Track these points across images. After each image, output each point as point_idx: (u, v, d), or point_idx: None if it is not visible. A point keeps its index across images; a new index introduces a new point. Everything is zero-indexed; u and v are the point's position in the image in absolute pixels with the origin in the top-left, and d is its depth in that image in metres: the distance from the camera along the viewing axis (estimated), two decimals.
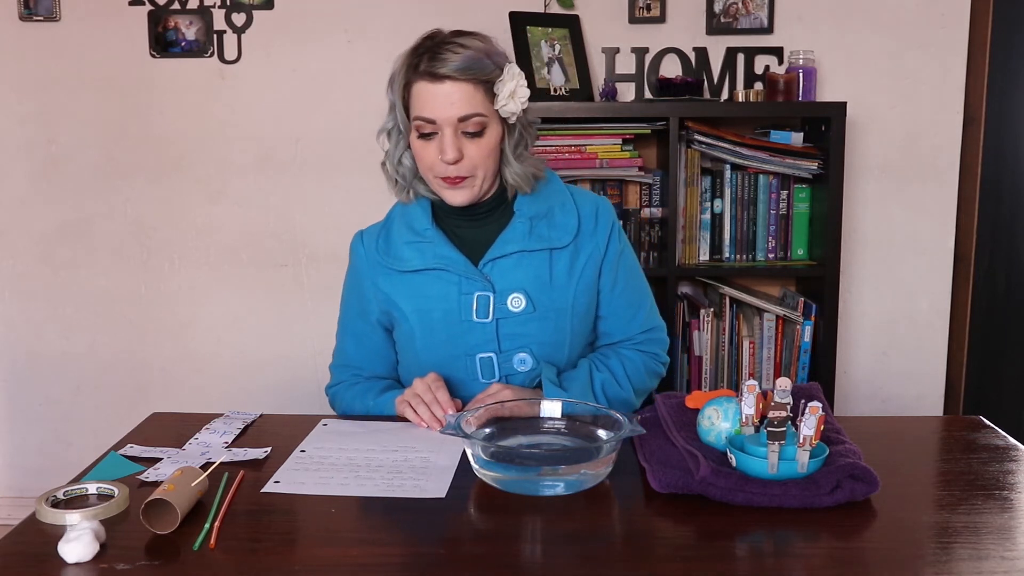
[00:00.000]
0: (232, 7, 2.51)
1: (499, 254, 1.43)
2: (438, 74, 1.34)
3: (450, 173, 1.38)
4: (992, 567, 0.91)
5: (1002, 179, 2.55)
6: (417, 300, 1.45)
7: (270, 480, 1.14)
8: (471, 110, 1.36)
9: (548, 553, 0.96)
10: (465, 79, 1.35)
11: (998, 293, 2.62)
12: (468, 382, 1.44)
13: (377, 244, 1.50)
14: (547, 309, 1.44)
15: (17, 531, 1.01)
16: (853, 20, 2.48)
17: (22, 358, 2.70)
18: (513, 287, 1.42)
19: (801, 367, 2.38)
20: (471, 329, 1.42)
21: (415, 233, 1.46)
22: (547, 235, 1.44)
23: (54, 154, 2.60)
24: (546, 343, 1.44)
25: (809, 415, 1.08)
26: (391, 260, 1.47)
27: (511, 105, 1.38)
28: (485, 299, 1.42)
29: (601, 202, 1.52)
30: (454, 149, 1.36)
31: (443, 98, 1.35)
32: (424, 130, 1.38)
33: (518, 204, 1.46)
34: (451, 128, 1.36)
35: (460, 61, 1.34)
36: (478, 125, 1.37)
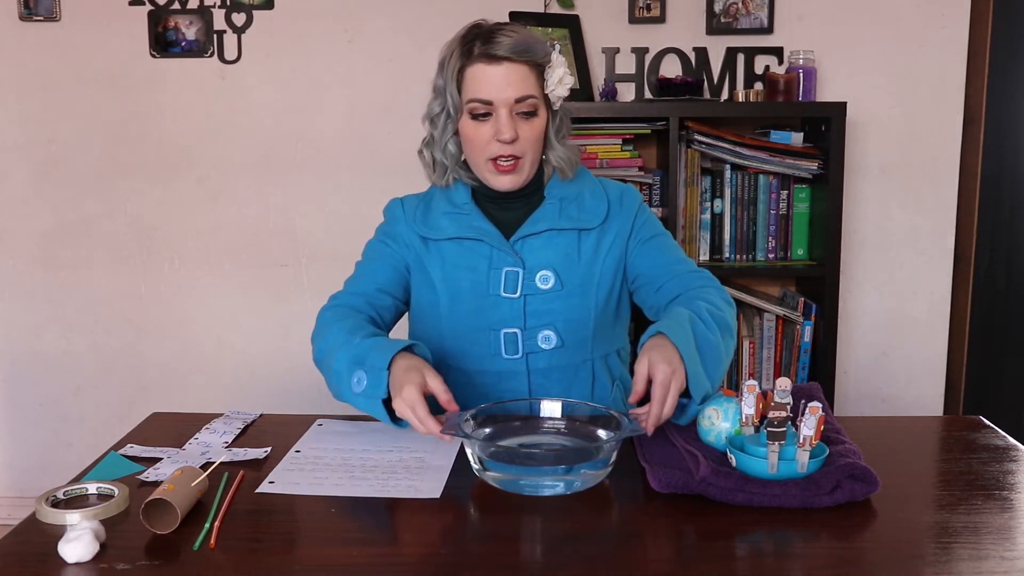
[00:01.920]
0: (232, 7, 2.51)
1: (530, 232, 1.46)
2: (496, 56, 1.38)
3: (504, 152, 1.41)
4: (992, 567, 0.91)
5: (1002, 179, 2.55)
6: (447, 269, 1.47)
7: (264, 480, 1.14)
8: (526, 91, 1.40)
9: (547, 553, 0.96)
10: (521, 61, 1.39)
11: (998, 293, 2.62)
12: (490, 356, 1.46)
13: (416, 212, 1.53)
14: (574, 287, 1.46)
15: (17, 531, 1.01)
16: (853, 20, 2.48)
17: (22, 358, 2.70)
18: (542, 264, 1.46)
19: (801, 367, 2.38)
20: (498, 304, 1.45)
21: (454, 206, 1.50)
22: (576, 216, 1.48)
23: (54, 154, 2.60)
24: (572, 320, 1.47)
25: (809, 415, 1.08)
26: (427, 228, 1.50)
27: (559, 90, 1.43)
28: (514, 275, 1.45)
29: (627, 188, 1.56)
30: (511, 128, 1.39)
31: (500, 79, 1.39)
32: (479, 111, 1.41)
33: (549, 188, 1.50)
34: (507, 109, 1.39)
35: (516, 43, 1.39)
36: (531, 106, 1.41)
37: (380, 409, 1.25)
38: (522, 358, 1.46)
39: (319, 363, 1.43)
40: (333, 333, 1.40)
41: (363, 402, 1.28)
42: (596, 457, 1.11)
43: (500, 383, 1.47)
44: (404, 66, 2.53)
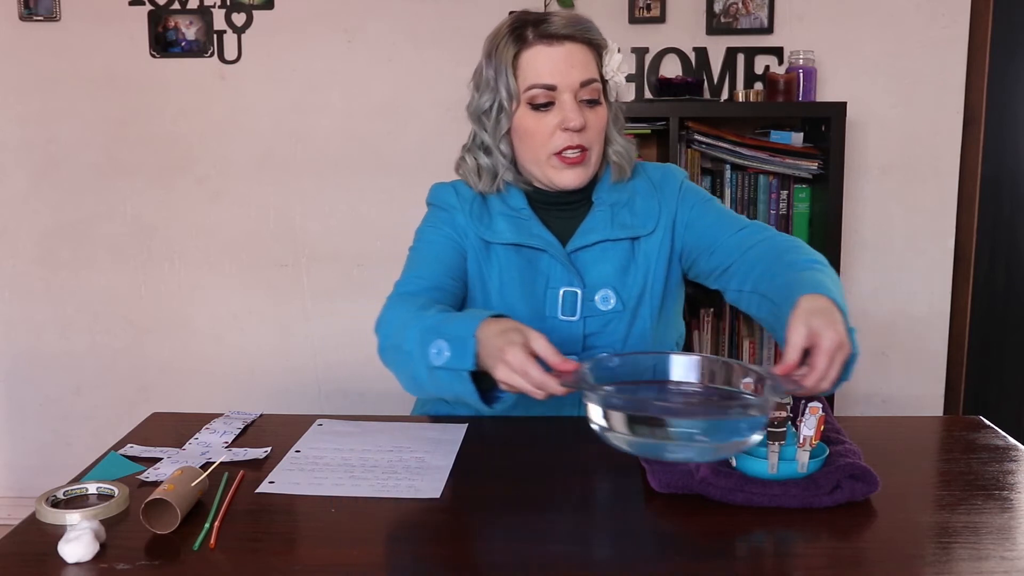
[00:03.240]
0: (232, 7, 2.51)
1: (582, 244, 1.35)
2: (558, 35, 1.27)
3: (573, 142, 1.29)
4: (992, 567, 0.90)
5: (1002, 179, 2.55)
6: (504, 283, 1.35)
7: (264, 480, 1.14)
8: (590, 74, 1.29)
9: (547, 553, 0.96)
10: (582, 40, 1.29)
11: (998, 293, 2.62)
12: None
13: (472, 207, 1.38)
14: (633, 302, 1.36)
15: (17, 531, 1.01)
16: (853, 20, 2.48)
17: (22, 358, 2.70)
18: (600, 282, 1.35)
19: None
20: (555, 328, 1.34)
21: (511, 208, 1.37)
22: (630, 223, 1.37)
23: (54, 154, 2.60)
24: (631, 337, 1.37)
25: (809, 415, 1.07)
26: (485, 229, 1.36)
27: (618, 77, 1.32)
28: (572, 296, 1.34)
29: (666, 170, 1.44)
30: (579, 114, 1.27)
31: (563, 61, 1.27)
32: (539, 100, 1.29)
33: (596, 193, 1.38)
34: (571, 93, 1.28)
35: (575, 21, 1.28)
36: (595, 92, 1.30)
37: (467, 384, 1.09)
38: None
39: (385, 351, 1.25)
40: (398, 312, 1.25)
41: (445, 378, 1.11)
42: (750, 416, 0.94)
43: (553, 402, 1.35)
44: (404, 66, 2.53)
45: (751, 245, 1.32)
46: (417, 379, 1.17)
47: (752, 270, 1.30)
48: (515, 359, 1.01)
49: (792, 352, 1.01)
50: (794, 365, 1.01)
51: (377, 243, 2.59)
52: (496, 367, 1.04)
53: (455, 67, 2.50)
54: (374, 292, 2.77)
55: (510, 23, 1.32)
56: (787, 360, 1.01)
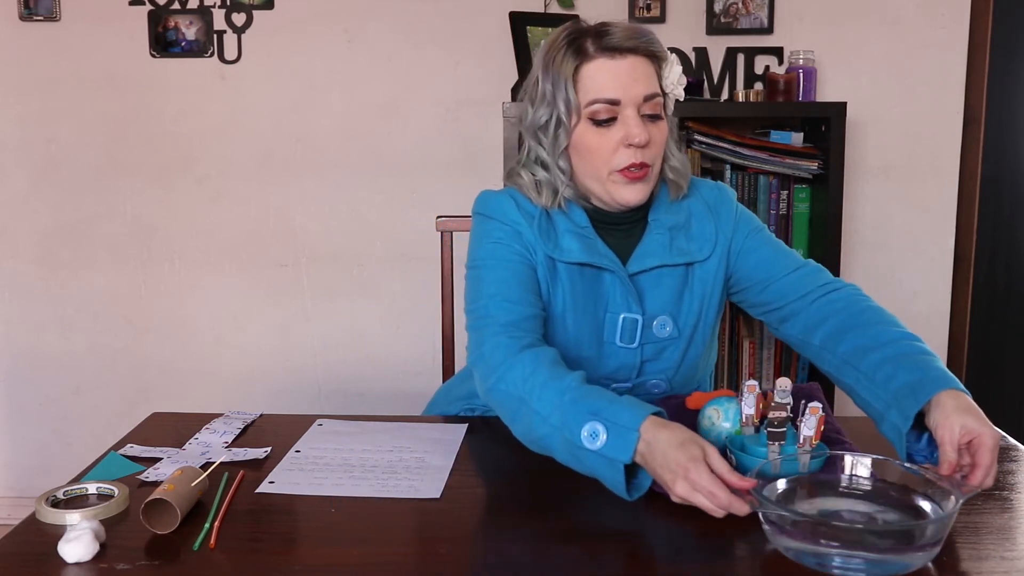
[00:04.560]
0: (232, 7, 2.51)
1: (639, 268, 1.31)
2: (621, 48, 1.23)
3: (637, 159, 1.25)
4: (992, 567, 0.90)
5: (1002, 179, 2.55)
6: (567, 306, 1.30)
7: (264, 480, 1.14)
8: (653, 88, 1.25)
9: (547, 553, 0.96)
10: (645, 52, 1.25)
11: (998, 293, 2.62)
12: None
13: (539, 223, 1.31)
14: (689, 331, 1.35)
15: (17, 531, 1.01)
16: (853, 20, 2.48)
17: (22, 358, 2.70)
18: (658, 309, 1.32)
19: (801, 367, 2.38)
20: (614, 354, 1.33)
21: (576, 225, 1.32)
22: (686, 248, 1.33)
23: (54, 154, 2.60)
24: (684, 364, 1.36)
25: (809, 415, 1.08)
26: (553, 247, 1.30)
27: (678, 90, 1.28)
28: (632, 322, 1.31)
29: (719, 190, 1.41)
30: (644, 130, 1.23)
31: (626, 75, 1.23)
32: (601, 116, 1.24)
33: (653, 213, 1.35)
34: (634, 108, 1.24)
35: (636, 32, 1.24)
36: (657, 107, 1.26)
37: (619, 474, 1.04)
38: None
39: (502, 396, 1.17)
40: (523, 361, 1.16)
41: (592, 461, 1.06)
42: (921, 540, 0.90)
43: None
44: (404, 66, 2.53)
45: (817, 294, 1.32)
46: (545, 443, 1.13)
47: (823, 324, 1.29)
48: (701, 479, 0.98)
49: (951, 452, 1.04)
50: (956, 464, 1.04)
51: (377, 243, 2.59)
52: (676, 483, 1.00)
53: (455, 67, 2.50)
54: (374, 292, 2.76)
55: (567, 34, 1.28)
56: (948, 459, 1.03)
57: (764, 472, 0.99)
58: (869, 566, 0.87)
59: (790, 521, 0.91)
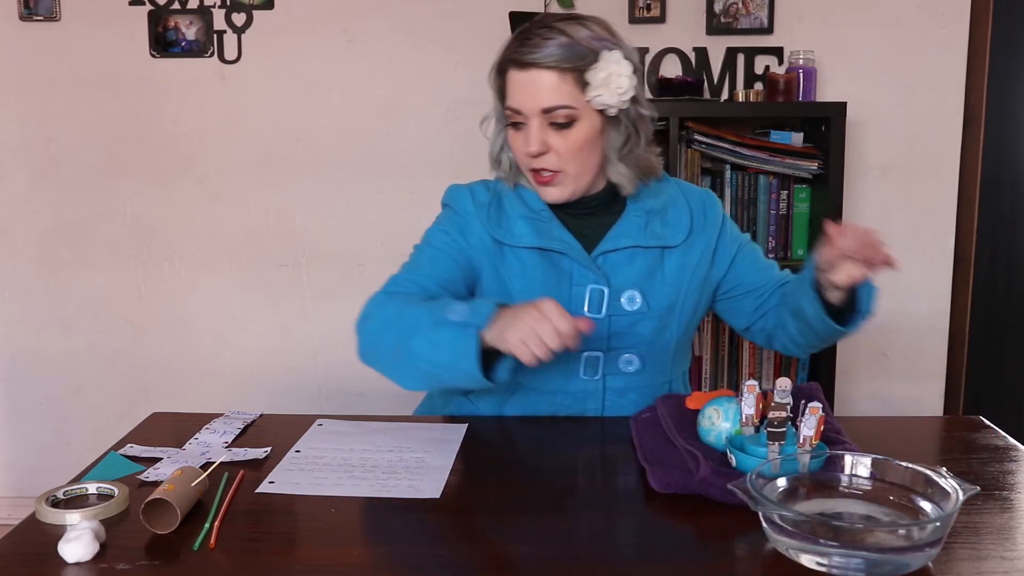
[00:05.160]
0: (232, 7, 2.51)
1: (612, 247, 1.37)
2: (523, 62, 1.28)
3: (535, 166, 1.32)
4: (992, 567, 0.90)
5: (1002, 179, 2.55)
6: (526, 282, 1.35)
7: (264, 480, 1.14)
8: (556, 101, 1.28)
9: (547, 553, 0.96)
10: (550, 67, 1.26)
11: (998, 293, 2.62)
12: (567, 376, 1.39)
13: (489, 211, 1.38)
14: (660, 309, 1.38)
15: (17, 531, 1.01)
16: (853, 20, 2.48)
17: (22, 358, 2.70)
18: (627, 284, 1.36)
19: (801, 367, 2.38)
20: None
21: (531, 210, 1.38)
22: (660, 232, 1.39)
23: (54, 154, 2.60)
24: (655, 343, 1.40)
25: (809, 415, 1.08)
26: (503, 232, 1.36)
27: (605, 96, 1.28)
28: (599, 293, 1.35)
29: (707, 196, 1.47)
30: (536, 141, 1.29)
31: (527, 87, 1.28)
32: (512, 120, 1.32)
33: (631, 198, 1.40)
34: (537, 119, 1.29)
35: (546, 47, 1.26)
36: (565, 117, 1.29)
37: (472, 341, 1.13)
38: (600, 379, 1.39)
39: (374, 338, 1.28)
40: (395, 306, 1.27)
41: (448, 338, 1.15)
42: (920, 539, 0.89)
43: (575, 403, 1.40)
44: (404, 66, 2.53)
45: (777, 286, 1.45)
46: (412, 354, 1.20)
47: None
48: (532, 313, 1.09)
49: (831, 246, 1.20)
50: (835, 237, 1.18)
51: (377, 243, 2.59)
52: (513, 325, 1.10)
53: (455, 67, 2.50)
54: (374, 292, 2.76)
55: (512, 36, 1.33)
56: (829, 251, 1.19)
57: (764, 472, 0.99)
58: (869, 566, 0.87)
59: (790, 521, 0.91)
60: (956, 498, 0.91)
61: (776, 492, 0.99)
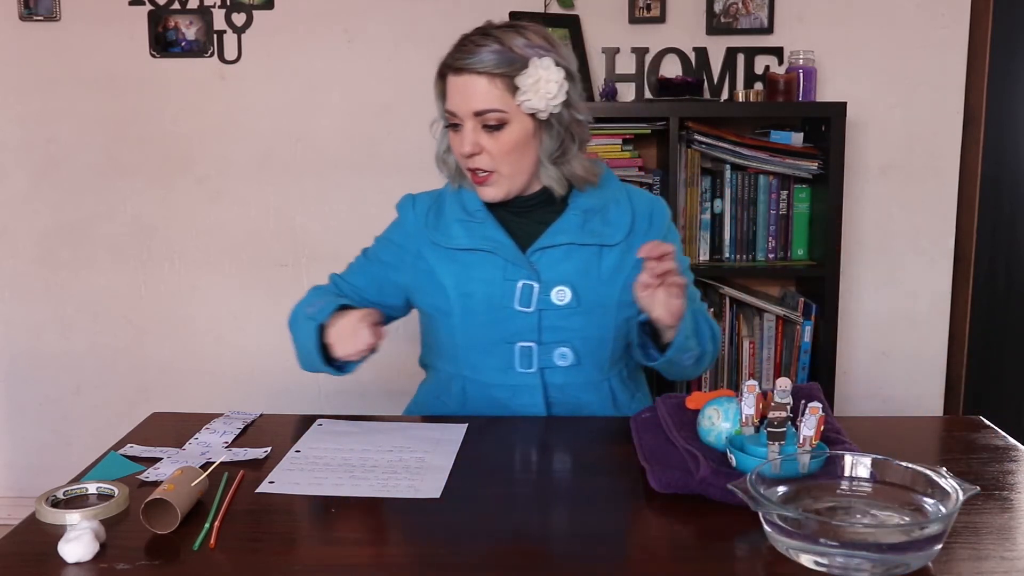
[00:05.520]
0: (232, 7, 2.51)
1: (548, 244, 1.41)
2: (455, 67, 1.36)
3: (470, 165, 1.39)
4: (992, 567, 0.90)
5: (1002, 179, 2.55)
6: (461, 280, 1.42)
7: (264, 480, 1.14)
8: (486, 105, 1.34)
9: (547, 553, 0.96)
10: (481, 72, 1.33)
11: (998, 293, 2.62)
12: (505, 369, 1.42)
13: (427, 217, 1.48)
14: (592, 305, 1.41)
15: (17, 531, 1.01)
16: (853, 20, 2.48)
17: (22, 358, 2.70)
18: (559, 279, 1.40)
19: (801, 367, 2.38)
20: (512, 317, 1.40)
21: (467, 212, 1.45)
22: (599, 231, 1.42)
23: (54, 154, 2.60)
24: (589, 339, 1.42)
25: (809, 415, 1.08)
26: (439, 235, 1.45)
27: (534, 101, 1.34)
28: (529, 288, 1.39)
29: (656, 202, 1.50)
30: (468, 142, 1.36)
31: (460, 90, 1.36)
32: (450, 121, 1.39)
33: (572, 197, 1.45)
34: (471, 122, 1.36)
35: (480, 53, 1.34)
36: (496, 120, 1.35)
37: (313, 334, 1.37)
38: (536, 372, 1.42)
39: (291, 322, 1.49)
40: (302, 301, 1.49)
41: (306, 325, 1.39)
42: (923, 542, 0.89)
43: (515, 397, 1.43)
44: (404, 66, 2.53)
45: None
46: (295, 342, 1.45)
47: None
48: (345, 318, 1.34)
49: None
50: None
51: None
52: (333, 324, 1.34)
53: None
54: None
55: (453, 45, 1.40)
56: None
57: (764, 472, 0.99)
58: (869, 565, 0.87)
59: (790, 521, 0.91)
60: (956, 498, 0.91)
61: (776, 492, 0.99)
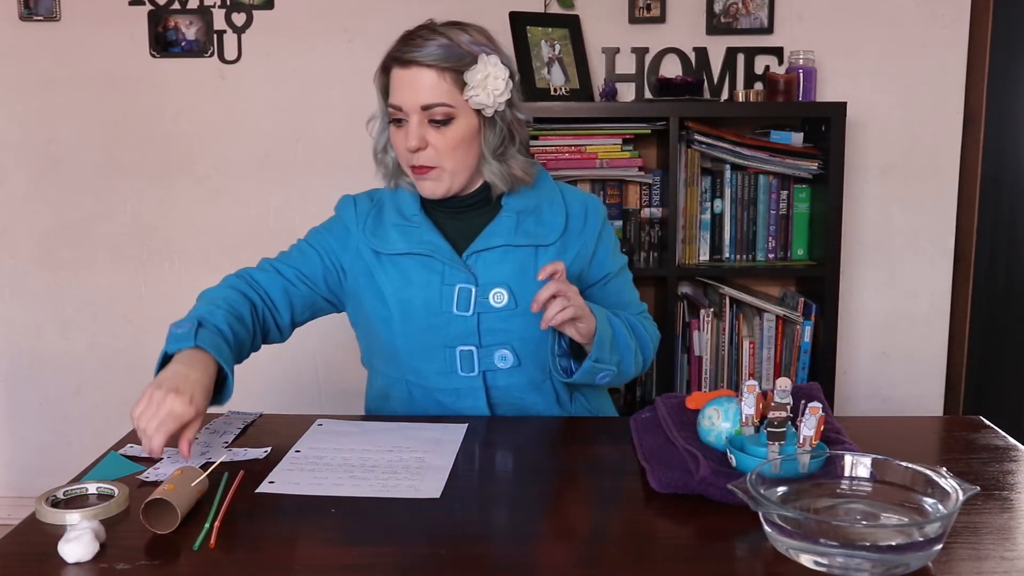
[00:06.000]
0: (232, 7, 2.51)
1: (483, 247, 1.41)
2: (403, 59, 1.35)
3: (414, 162, 1.38)
4: (992, 567, 0.90)
5: (1002, 179, 2.55)
6: (399, 285, 1.41)
7: (264, 480, 1.14)
8: (435, 99, 1.34)
9: (547, 553, 0.96)
10: (430, 65, 1.34)
11: (998, 293, 2.62)
12: (447, 373, 1.42)
13: (367, 222, 1.48)
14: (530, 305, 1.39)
15: (17, 531, 1.01)
16: (853, 20, 2.48)
17: (22, 358, 2.70)
18: (496, 282, 1.40)
19: (801, 367, 2.38)
20: (451, 321, 1.39)
21: (403, 217, 1.45)
22: (534, 231, 1.42)
23: (54, 154, 2.60)
24: (529, 340, 1.41)
25: (809, 415, 1.08)
26: (378, 241, 1.44)
27: (482, 96, 1.35)
28: (467, 292, 1.39)
29: (591, 200, 1.50)
30: (415, 136, 1.36)
31: (408, 84, 1.35)
32: (394, 116, 1.38)
33: (506, 198, 1.45)
34: (416, 115, 1.35)
35: (428, 47, 1.34)
36: (443, 115, 1.35)
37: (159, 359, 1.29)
38: (478, 376, 1.41)
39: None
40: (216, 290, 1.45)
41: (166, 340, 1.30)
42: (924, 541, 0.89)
43: (459, 400, 1.42)
44: None
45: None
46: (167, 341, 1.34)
47: None
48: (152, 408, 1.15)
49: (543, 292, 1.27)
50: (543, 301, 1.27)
51: None
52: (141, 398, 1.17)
53: None
54: None
55: (399, 38, 1.40)
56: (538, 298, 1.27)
57: (764, 472, 0.99)
58: (869, 565, 0.87)
59: (790, 521, 0.91)
60: (956, 498, 0.91)
61: (776, 492, 0.99)
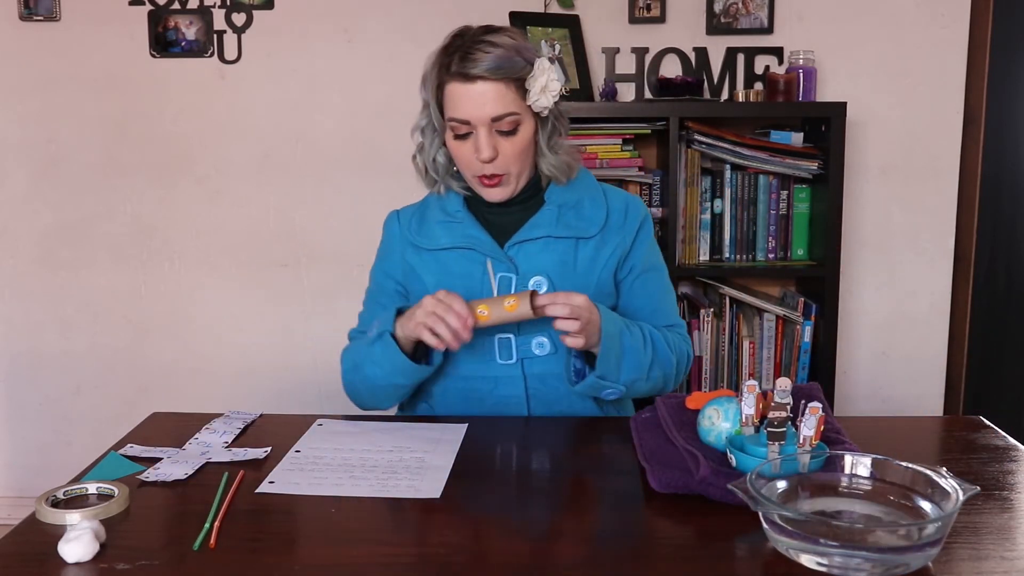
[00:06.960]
0: (232, 7, 2.51)
1: (525, 238, 1.45)
2: (470, 75, 1.36)
3: (486, 171, 1.41)
4: (992, 567, 0.91)
5: (1002, 179, 2.55)
6: (440, 276, 1.46)
7: (264, 480, 1.14)
8: (504, 110, 1.38)
9: (547, 553, 0.96)
10: (497, 78, 1.36)
11: (998, 293, 2.62)
12: (485, 362, 1.45)
13: (411, 223, 1.54)
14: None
15: (17, 531, 1.01)
16: (853, 20, 2.48)
17: (22, 358, 2.70)
18: (536, 270, 1.44)
19: (801, 367, 2.38)
20: None
21: (447, 214, 1.50)
22: (575, 224, 1.46)
23: (54, 154, 2.60)
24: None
25: (809, 415, 1.08)
26: (421, 238, 1.50)
27: (543, 99, 1.40)
28: (507, 280, 1.43)
29: (632, 200, 1.53)
30: (489, 148, 1.38)
31: (476, 99, 1.37)
32: (459, 131, 1.40)
33: (549, 193, 1.49)
34: (485, 128, 1.38)
35: (491, 60, 1.35)
36: (512, 124, 1.39)
37: (391, 344, 1.35)
38: (517, 363, 1.44)
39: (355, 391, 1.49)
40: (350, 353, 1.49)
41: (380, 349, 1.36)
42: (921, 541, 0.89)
43: (497, 388, 1.45)
44: (404, 66, 2.51)
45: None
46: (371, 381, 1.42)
47: None
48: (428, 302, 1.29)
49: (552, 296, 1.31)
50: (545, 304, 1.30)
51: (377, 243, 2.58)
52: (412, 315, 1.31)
53: None
54: None
55: (444, 47, 1.41)
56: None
57: (764, 472, 0.99)
58: (869, 565, 0.87)
59: (790, 521, 0.91)
60: (956, 498, 0.91)
61: (776, 492, 0.99)
